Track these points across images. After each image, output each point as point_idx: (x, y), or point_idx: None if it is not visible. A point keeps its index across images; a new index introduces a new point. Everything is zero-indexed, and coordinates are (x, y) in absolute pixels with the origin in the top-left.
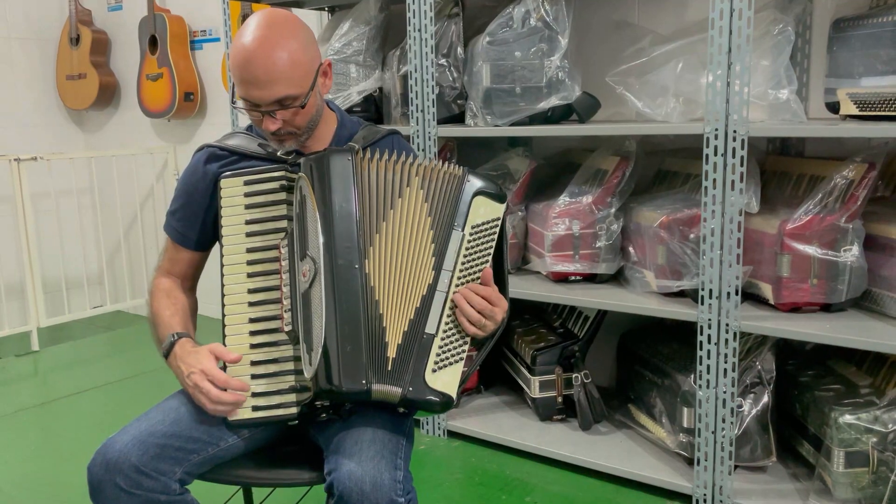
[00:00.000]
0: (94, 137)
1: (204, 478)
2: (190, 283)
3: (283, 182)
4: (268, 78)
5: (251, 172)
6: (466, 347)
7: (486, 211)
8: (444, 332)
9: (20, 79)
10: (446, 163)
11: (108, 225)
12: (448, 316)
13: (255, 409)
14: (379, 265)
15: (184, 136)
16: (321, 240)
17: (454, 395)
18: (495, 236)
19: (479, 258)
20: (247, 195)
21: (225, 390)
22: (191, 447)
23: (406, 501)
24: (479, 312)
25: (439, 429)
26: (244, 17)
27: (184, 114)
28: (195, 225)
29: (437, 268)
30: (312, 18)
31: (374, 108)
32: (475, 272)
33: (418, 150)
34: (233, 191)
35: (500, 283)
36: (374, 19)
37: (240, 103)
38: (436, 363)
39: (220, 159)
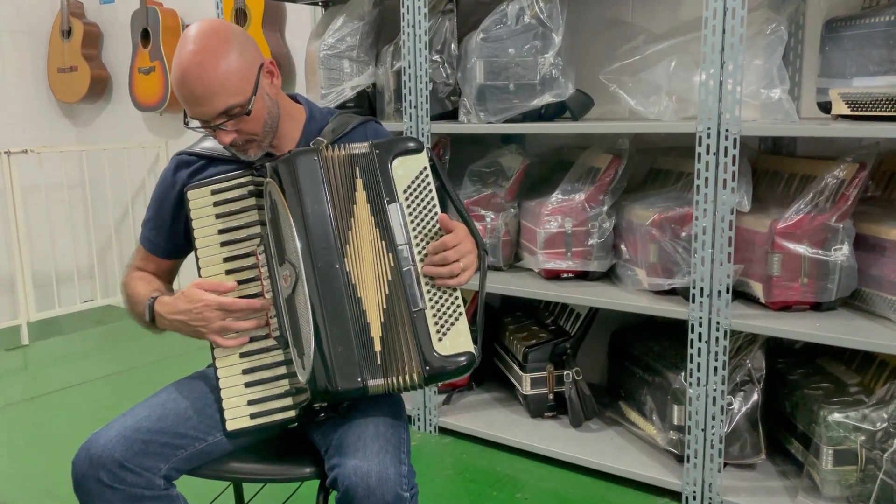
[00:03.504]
0: (85, 131)
1: (194, 473)
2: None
3: (251, 187)
4: (204, 92)
5: (217, 181)
6: (459, 300)
7: (407, 170)
8: (431, 299)
9: (11, 71)
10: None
11: (98, 219)
12: (427, 284)
13: (254, 416)
14: (356, 261)
15: (176, 131)
16: (299, 245)
17: (472, 350)
18: (431, 186)
19: (426, 214)
20: (216, 204)
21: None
22: (176, 443)
23: (410, 496)
24: (450, 264)
25: (430, 425)
26: (237, 11)
27: (176, 108)
28: (166, 234)
29: (392, 248)
30: (306, 13)
31: (367, 103)
32: (430, 229)
33: None
34: (201, 202)
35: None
36: (368, 14)
37: (193, 122)
38: (438, 331)
39: (188, 165)
